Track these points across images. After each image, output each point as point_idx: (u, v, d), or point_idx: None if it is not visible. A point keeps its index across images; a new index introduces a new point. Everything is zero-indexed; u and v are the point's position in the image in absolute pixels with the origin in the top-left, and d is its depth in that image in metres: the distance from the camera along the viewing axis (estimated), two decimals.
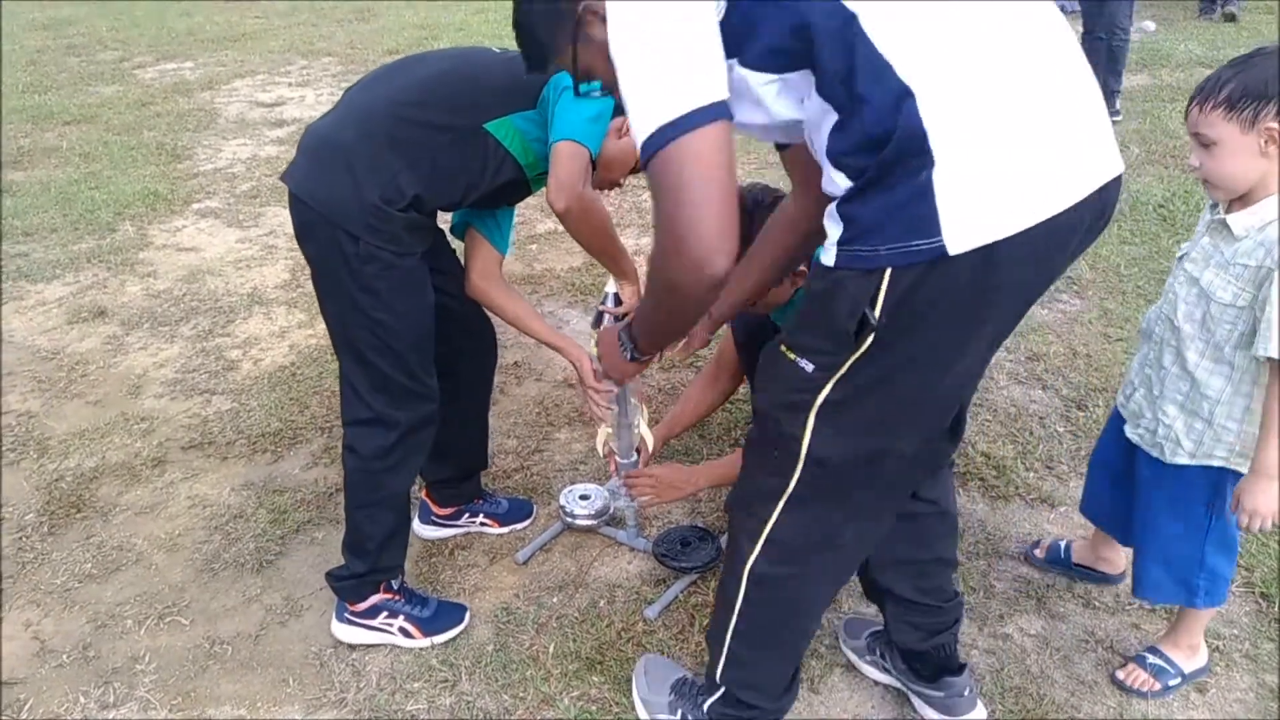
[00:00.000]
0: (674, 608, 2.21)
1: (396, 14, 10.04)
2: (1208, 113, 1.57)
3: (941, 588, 1.83)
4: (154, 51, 8.84)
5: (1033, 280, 1.33)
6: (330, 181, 1.86)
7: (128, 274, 4.15)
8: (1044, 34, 1.26)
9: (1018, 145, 1.20)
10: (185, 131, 6.22)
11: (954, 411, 1.53)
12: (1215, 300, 1.65)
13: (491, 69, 1.97)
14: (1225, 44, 7.20)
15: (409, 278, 1.96)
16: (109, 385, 3.29)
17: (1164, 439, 1.80)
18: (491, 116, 1.93)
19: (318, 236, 1.91)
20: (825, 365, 1.35)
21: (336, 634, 2.17)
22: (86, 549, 2.51)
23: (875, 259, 1.23)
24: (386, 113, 1.88)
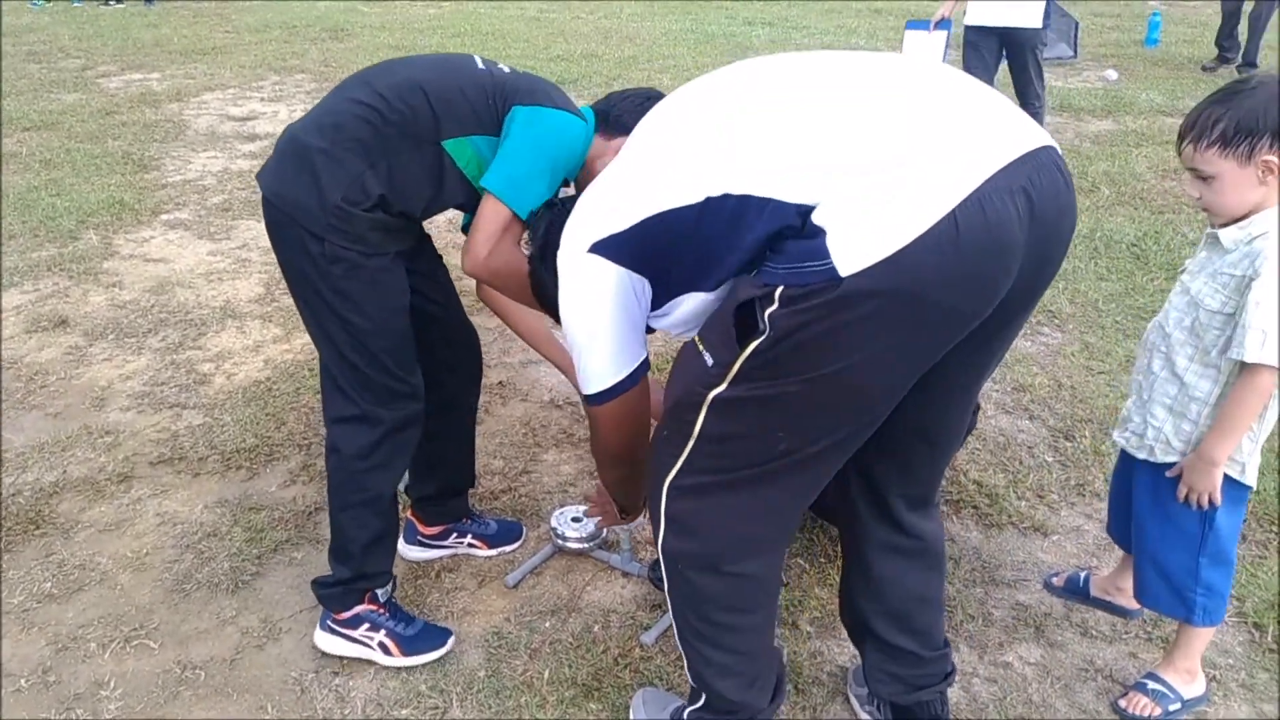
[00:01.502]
0: (671, 633, 2.14)
1: (371, 35, 9.99)
2: (1203, 150, 1.64)
3: (927, 633, 1.78)
4: (119, 61, 8.69)
5: (956, 293, 1.29)
6: (295, 181, 1.87)
7: (91, 283, 4.02)
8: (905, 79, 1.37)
9: (889, 178, 1.25)
10: (153, 142, 6.09)
11: (880, 414, 1.44)
12: (1204, 308, 1.72)
13: (466, 87, 1.94)
14: (1184, 93, 7.39)
15: (377, 278, 1.94)
16: (70, 397, 3.17)
17: (1154, 440, 1.84)
18: (451, 135, 1.92)
19: (285, 236, 1.92)
20: (720, 361, 1.40)
21: (318, 642, 2.12)
22: (46, 567, 2.38)
23: (772, 276, 1.31)
24: (353, 114, 1.88)
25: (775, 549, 1.67)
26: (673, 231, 1.40)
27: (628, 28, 10.55)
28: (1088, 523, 2.54)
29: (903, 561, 1.71)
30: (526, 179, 1.89)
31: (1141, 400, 1.86)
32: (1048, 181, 1.31)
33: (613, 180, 1.53)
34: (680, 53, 9.00)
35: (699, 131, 1.42)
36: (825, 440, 1.45)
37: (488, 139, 1.94)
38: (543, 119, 1.92)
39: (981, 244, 1.25)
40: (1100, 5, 11.80)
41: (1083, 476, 2.71)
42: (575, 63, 8.52)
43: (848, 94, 1.36)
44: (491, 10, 11.83)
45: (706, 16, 11.28)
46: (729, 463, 1.50)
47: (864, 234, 1.23)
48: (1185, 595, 1.87)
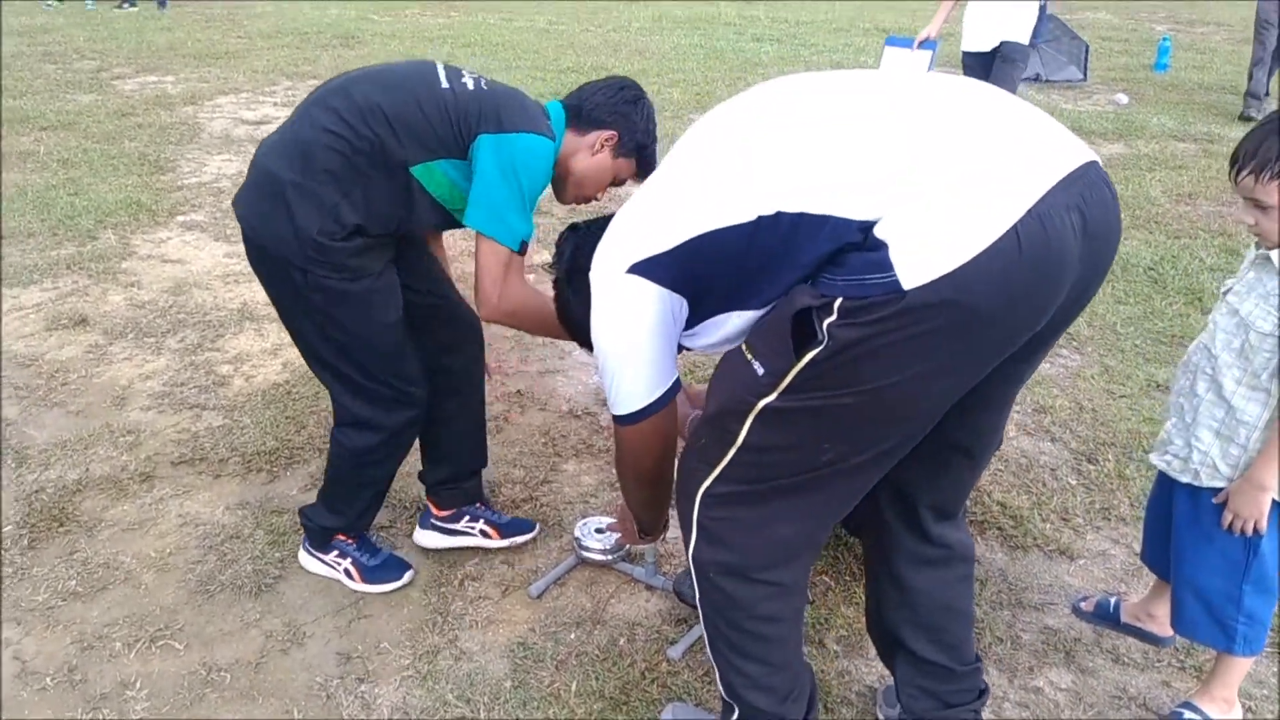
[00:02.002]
0: (698, 648, 2.14)
1: (382, 43, 10.02)
2: (1265, 183, 1.63)
3: (958, 647, 1.77)
4: (133, 64, 8.71)
5: (1015, 308, 1.29)
6: (270, 215, 1.92)
7: (110, 283, 4.02)
8: (954, 98, 1.38)
9: (951, 191, 1.25)
10: (168, 144, 6.10)
11: (927, 424, 1.44)
12: (1255, 329, 1.70)
13: (426, 106, 1.93)
14: (1195, 118, 7.42)
15: (363, 301, 2.00)
16: (91, 395, 3.16)
17: (1199, 464, 1.82)
18: (417, 160, 1.94)
19: (267, 265, 2.01)
20: (772, 371, 1.38)
21: (300, 559, 2.37)
22: (70, 565, 2.37)
23: (831, 287, 1.29)
24: (321, 144, 1.90)
25: (807, 558, 1.65)
26: (721, 251, 1.39)
27: (637, 41, 10.58)
28: (1114, 547, 2.53)
29: (933, 572, 1.71)
30: (507, 211, 1.92)
31: (1184, 423, 1.84)
32: (1098, 198, 1.32)
33: (651, 200, 1.52)
34: (690, 67, 9.03)
35: (744, 149, 1.41)
36: (870, 451, 1.44)
37: (453, 162, 1.95)
38: (511, 147, 1.92)
39: (1042, 260, 1.26)
40: (1109, 30, 11.86)
41: (1107, 500, 2.71)
42: (586, 75, 8.52)
43: (896, 108, 1.37)
44: (501, 22, 11.87)
45: (715, 32, 11.33)
46: (769, 472, 1.48)
47: (929, 247, 1.23)
48: (1226, 624, 1.85)
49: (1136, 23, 12.76)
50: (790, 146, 1.36)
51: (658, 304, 1.48)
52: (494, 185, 1.91)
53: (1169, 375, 3.36)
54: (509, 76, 8.29)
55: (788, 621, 1.64)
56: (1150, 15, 13.57)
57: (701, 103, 7.51)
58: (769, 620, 1.60)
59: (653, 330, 1.50)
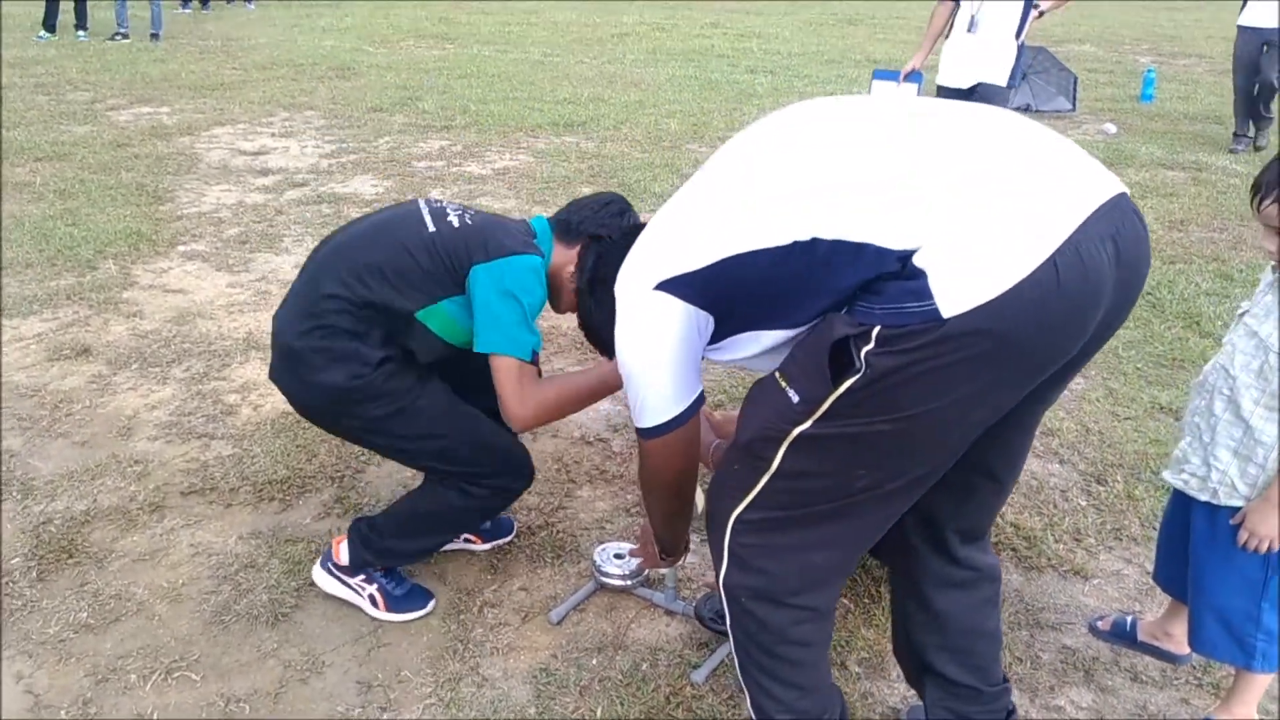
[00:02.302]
0: (721, 672, 2.13)
1: (378, 74, 10.07)
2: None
3: (986, 668, 1.77)
4: (127, 95, 8.72)
5: (1052, 336, 1.31)
6: (303, 382, 2.10)
7: (111, 313, 4.01)
8: (986, 126, 1.39)
9: (990, 221, 1.27)
10: (165, 175, 6.10)
11: (959, 451, 1.46)
12: (1274, 351, 1.72)
13: (419, 255, 2.07)
14: (1183, 147, 7.52)
15: (416, 412, 2.11)
16: (97, 425, 3.14)
17: (1218, 484, 1.83)
18: (420, 305, 2.07)
19: (320, 419, 2.20)
20: (807, 399, 1.38)
21: (315, 577, 2.33)
22: (81, 597, 2.35)
23: (869, 316, 1.30)
24: (330, 309, 2.05)
25: (838, 583, 1.66)
26: (752, 273, 1.40)
27: (632, 73, 10.67)
28: (1127, 567, 2.54)
29: (961, 594, 1.71)
30: (513, 328, 2.02)
31: (1201, 442, 1.86)
32: (1130, 229, 1.34)
33: (682, 217, 1.53)
34: (686, 98, 9.11)
35: (780, 172, 1.42)
36: (904, 478, 1.45)
37: (453, 299, 2.08)
38: (503, 271, 2.03)
39: (1078, 290, 1.27)
40: (1094, 61, 12.03)
41: (1118, 521, 2.72)
42: (582, 106, 8.61)
43: (932, 135, 1.38)
44: (496, 54, 11.96)
45: (709, 64, 11.44)
46: (803, 499, 1.49)
47: (968, 276, 1.24)
48: (1245, 641, 1.86)
49: (1120, 55, 12.95)
50: (827, 172, 1.37)
51: (684, 321, 1.49)
52: (495, 309, 2.02)
53: (1171, 398, 3.39)
54: (506, 108, 8.35)
55: (819, 645, 1.64)
56: (1133, 48, 13.78)
57: (699, 133, 7.58)
58: (801, 645, 1.60)
59: (678, 346, 1.51)
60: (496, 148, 7.06)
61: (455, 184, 6.07)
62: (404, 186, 5.95)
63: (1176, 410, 3.31)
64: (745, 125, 4.73)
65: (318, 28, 14.28)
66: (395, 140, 7.20)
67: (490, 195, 5.83)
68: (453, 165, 6.53)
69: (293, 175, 6.21)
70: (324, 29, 14.14)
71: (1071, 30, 15.27)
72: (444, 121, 7.86)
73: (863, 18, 16.97)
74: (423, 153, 6.86)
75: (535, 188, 5.99)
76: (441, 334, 2.11)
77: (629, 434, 3.14)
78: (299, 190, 5.87)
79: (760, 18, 16.90)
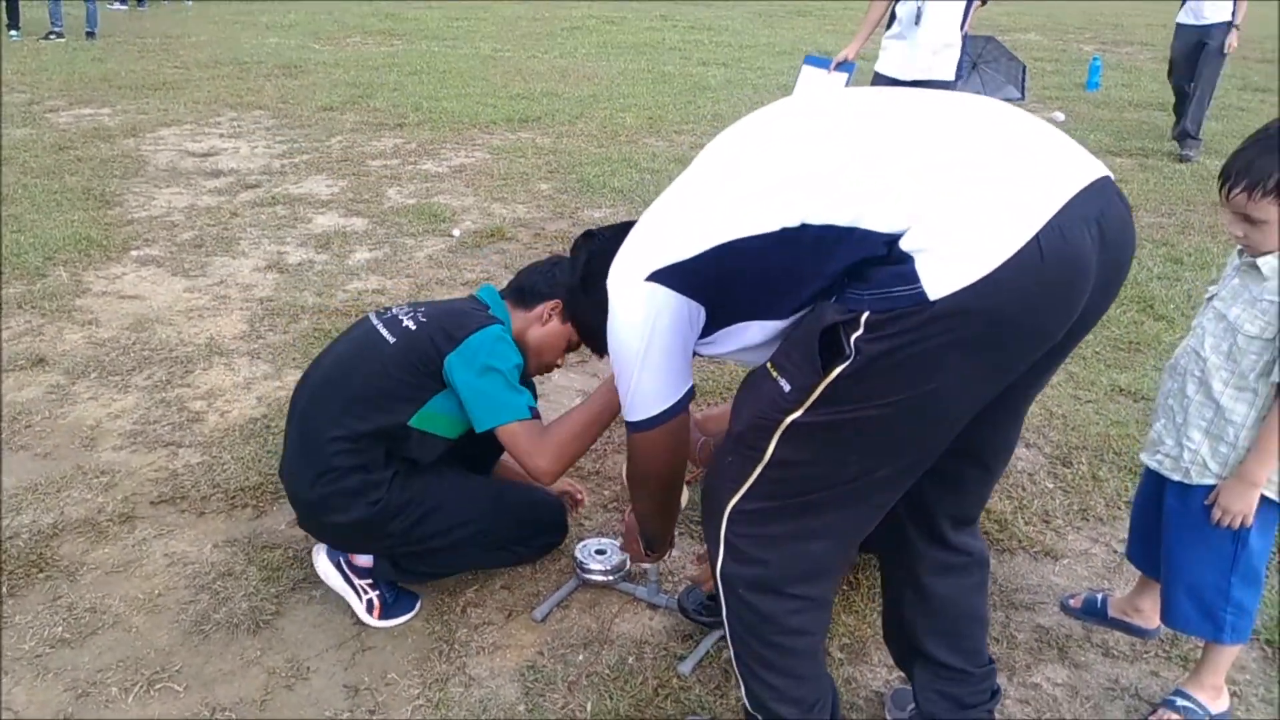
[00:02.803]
0: (707, 663, 2.15)
1: (326, 71, 9.93)
2: (1259, 200, 1.70)
3: (975, 650, 1.81)
4: (66, 96, 8.51)
5: (1038, 317, 1.33)
6: (333, 527, 2.21)
7: (65, 321, 3.92)
8: (968, 112, 1.42)
9: (974, 203, 1.29)
10: (112, 178, 5.97)
11: (947, 437, 1.48)
12: (1242, 333, 1.78)
13: (392, 368, 2.13)
14: (1129, 134, 7.70)
15: (439, 516, 2.19)
16: (58, 437, 3.08)
17: (1190, 463, 1.89)
18: (412, 412, 2.13)
19: (362, 550, 2.27)
20: (798, 387, 1.40)
21: (317, 564, 2.30)
22: (55, 611, 2.31)
23: (858, 302, 1.32)
24: (333, 451, 2.12)
25: (834, 572, 1.69)
26: (742, 261, 1.42)
27: (584, 67, 10.65)
28: (1094, 546, 2.61)
29: (955, 579, 1.75)
30: (503, 396, 2.08)
31: (1175, 424, 1.92)
32: (1115, 212, 1.37)
33: (672, 209, 1.55)
34: (639, 91, 9.11)
35: (767, 161, 1.44)
36: (894, 465, 1.47)
37: (438, 396, 2.14)
38: (474, 350, 2.09)
39: (1063, 270, 1.30)
40: (1040, 50, 12.26)
41: (1084, 501, 2.79)
42: (536, 101, 8.58)
43: (918, 123, 1.41)
44: (445, 49, 11.85)
45: (661, 57, 11.45)
46: (797, 487, 1.51)
47: (955, 258, 1.27)
48: (1216, 615, 1.92)
49: (1065, 44, 13.20)
50: (813, 160, 1.39)
51: (675, 311, 1.50)
52: (479, 387, 2.08)
53: (1129, 380, 3.48)
54: (460, 105, 8.29)
55: (815, 634, 1.66)
56: (1078, 36, 14.06)
57: (654, 127, 7.59)
58: (797, 634, 1.62)
59: (669, 337, 1.53)
60: (451, 145, 7.01)
61: (412, 182, 6.02)
62: (360, 186, 5.89)
63: (1135, 392, 3.40)
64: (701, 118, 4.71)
65: (260, 25, 14.04)
66: (348, 139, 7.12)
67: (448, 193, 5.79)
68: (408, 164, 6.47)
69: (245, 176, 6.11)
70: (267, 26, 13.91)
71: (1017, 20, 15.55)
72: (396, 119, 7.78)
73: (812, 9, 17.10)
74: (377, 151, 6.79)
75: (493, 184, 5.96)
76: (439, 432, 2.18)
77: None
78: (252, 192, 5.78)
79: (710, 10, 16.96)
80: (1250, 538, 1.86)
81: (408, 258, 4.69)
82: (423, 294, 4.22)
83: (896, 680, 2.12)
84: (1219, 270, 2.00)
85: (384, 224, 5.20)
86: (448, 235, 5.02)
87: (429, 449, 2.19)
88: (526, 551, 2.35)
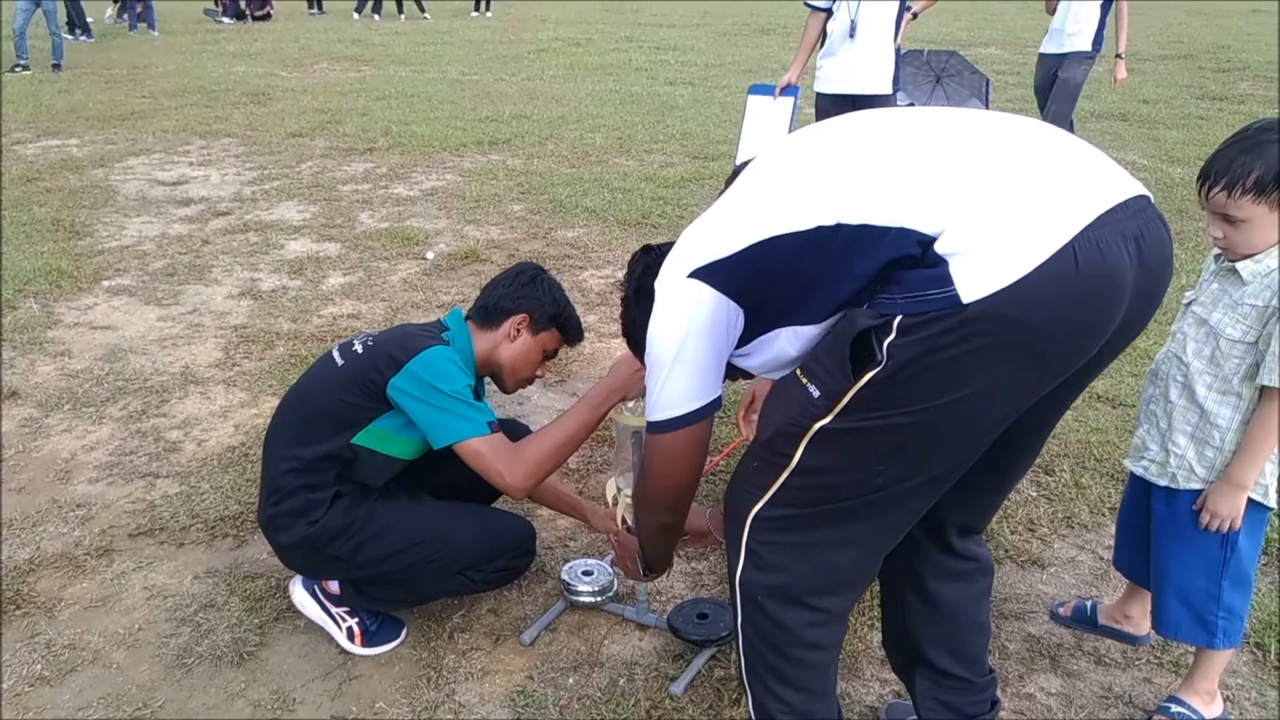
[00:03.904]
0: (699, 682, 2.14)
1: (294, 99, 9.90)
2: (1237, 198, 1.71)
3: (977, 659, 1.81)
4: (32, 128, 8.43)
5: (1071, 328, 1.33)
6: (280, 548, 2.21)
7: (37, 353, 3.86)
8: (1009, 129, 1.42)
9: (1010, 209, 1.29)
10: (81, 208, 5.91)
11: (976, 451, 1.48)
12: (1224, 337, 1.79)
13: (340, 390, 2.12)
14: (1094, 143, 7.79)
15: (383, 538, 2.16)
16: (32, 470, 3.02)
17: (1176, 468, 1.90)
18: (355, 431, 2.12)
19: (314, 575, 2.27)
20: (828, 393, 1.39)
21: (294, 596, 2.28)
22: (33, 649, 2.25)
23: (890, 306, 1.31)
24: (284, 471, 2.13)
25: (857, 586, 1.65)
26: (777, 259, 1.42)
27: (552, 89, 10.69)
28: (1080, 554, 2.62)
29: (961, 586, 1.75)
30: (456, 412, 2.05)
31: (1159, 429, 1.92)
32: (1154, 233, 1.35)
33: (717, 213, 1.55)
34: (608, 112, 9.15)
35: (809, 164, 1.46)
36: (922, 475, 1.45)
37: (384, 417, 2.11)
38: (415, 373, 2.06)
39: (1098, 283, 1.29)
40: (1001, 64, 12.43)
41: (1068, 509, 2.80)
42: (505, 123, 8.58)
43: (955, 133, 1.42)
44: (413, 74, 11.86)
45: (628, 78, 11.51)
46: (823, 495, 1.49)
47: (989, 261, 1.26)
48: (1207, 620, 1.92)
49: (1025, 56, 13.36)
50: (852, 164, 1.41)
51: (714, 309, 1.49)
52: (428, 406, 2.05)
53: (1106, 387, 3.51)
54: (429, 128, 8.28)
55: (831, 650, 1.65)
56: (1036, 49, 14.25)
57: (624, 146, 7.62)
58: (813, 647, 1.60)
59: (706, 335, 1.50)
60: (422, 168, 7.00)
61: (384, 206, 5.99)
62: (332, 211, 5.86)
63: (1113, 399, 3.43)
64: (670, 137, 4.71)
65: (226, 53, 13.99)
66: (318, 165, 7.09)
67: (420, 216, 5.77)
68: (379, 188, 6.45)
69: (215, 204, 6.06)
70: (233, 54, 13.87)
71: (977, 34, 15.77)
72: (366, 144, 7.76)
73: (775, 26, 17.25)
74: (347, 176, 6.76)
75: (466, 207, 5.95)
76: (386, 450, 2.14)
77: (584, 450, 3.13)
78: (224, 219, 5.74)
79: (675, 30, 17.09)
80: (1240, 541, 1.87)
81: (382, 281, 4.66)
82: (398, 317, 4.20)
83: (890, 695, 2.12)
84: (1189, 276, 2.03)
85: (357, 248, 5.17)
86: (422, 258, 5.00)
87: (379, 470, 2.17)
88: (481, 577, 2.26)
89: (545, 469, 2.09)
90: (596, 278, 4.73)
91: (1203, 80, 10.87)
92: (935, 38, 10.64)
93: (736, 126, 5.84)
